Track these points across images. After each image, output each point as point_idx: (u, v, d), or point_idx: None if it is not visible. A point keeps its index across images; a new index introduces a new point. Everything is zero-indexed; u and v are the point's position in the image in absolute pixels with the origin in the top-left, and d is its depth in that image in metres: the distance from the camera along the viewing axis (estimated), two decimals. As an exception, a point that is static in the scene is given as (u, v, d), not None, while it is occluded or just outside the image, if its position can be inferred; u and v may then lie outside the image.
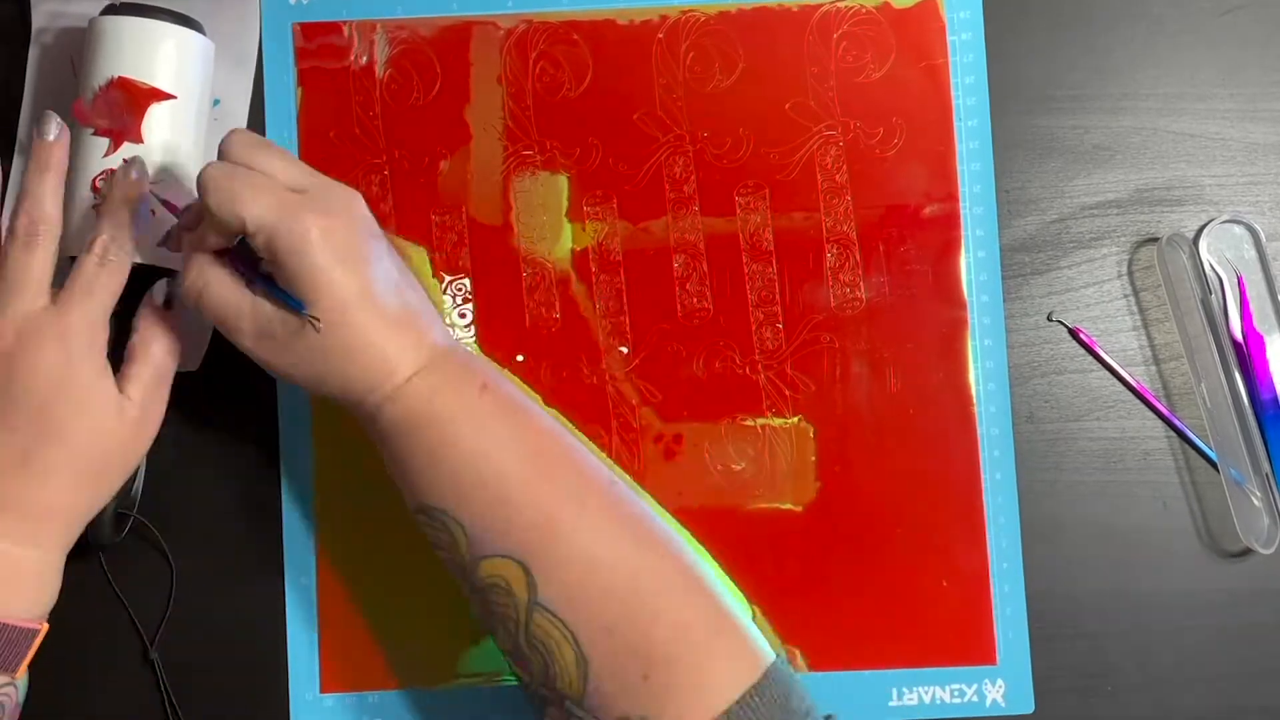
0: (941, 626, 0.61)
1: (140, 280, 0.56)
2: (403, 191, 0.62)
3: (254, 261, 0.52)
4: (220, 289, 0.52)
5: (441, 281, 0.62)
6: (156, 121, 0.57)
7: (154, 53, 0.57)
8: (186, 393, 0.58)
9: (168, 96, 0.57)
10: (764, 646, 0.51)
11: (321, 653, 0.61)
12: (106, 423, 0.53)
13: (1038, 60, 0.63)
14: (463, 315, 0.62)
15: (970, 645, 0.61)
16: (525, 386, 0.55)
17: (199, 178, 0.50)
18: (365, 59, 0.63)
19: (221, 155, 0.52)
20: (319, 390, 0.52)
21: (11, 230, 0.54)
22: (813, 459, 0.62)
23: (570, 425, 0.54)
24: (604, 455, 0.54)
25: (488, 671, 0.61)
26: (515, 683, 0.61)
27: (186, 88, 0.58)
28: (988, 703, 0.61)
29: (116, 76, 0.56)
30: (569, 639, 0.49)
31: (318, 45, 0.63)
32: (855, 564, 0.61)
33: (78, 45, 0.58)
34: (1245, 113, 0.63)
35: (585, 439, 0.54)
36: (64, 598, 0.54)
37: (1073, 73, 0.63)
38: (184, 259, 0.53)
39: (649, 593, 0.50)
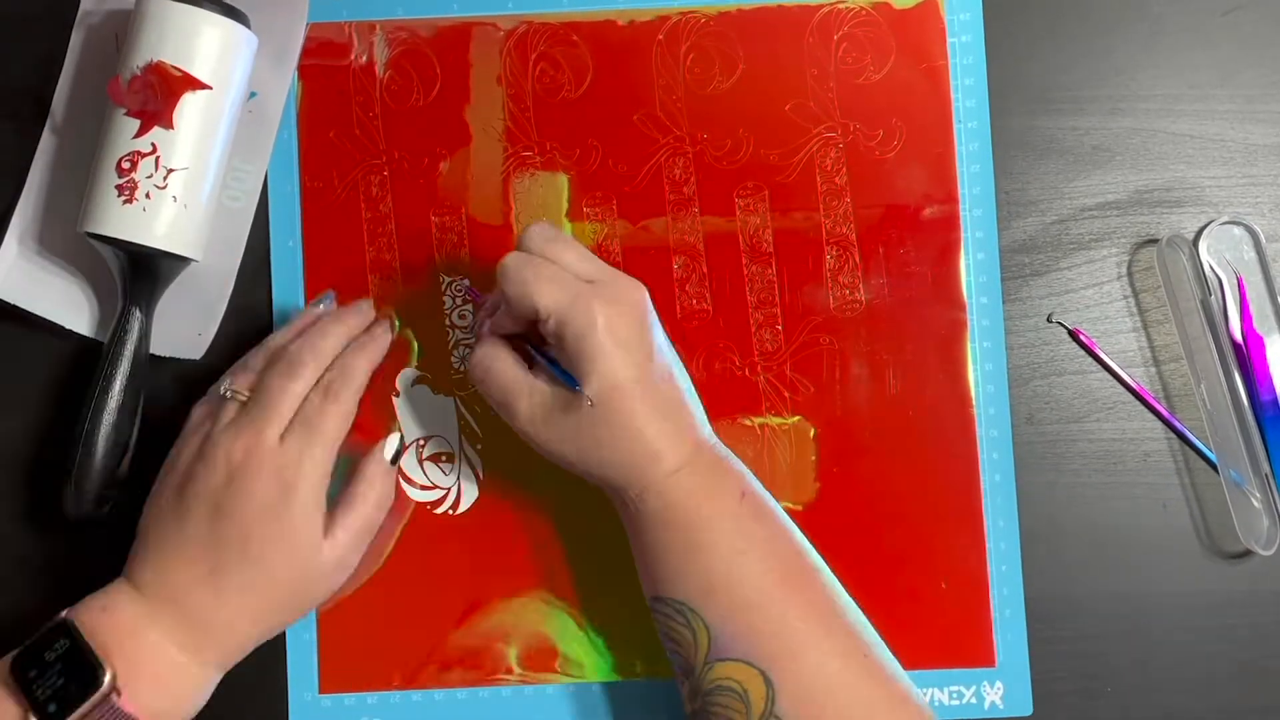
0: (940, 628, 0.61)
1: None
2: (403, 191, 0.63)
3: (540, 344, 0.55)
4: (505, 367, 0.55)
5: (441, 282, 0.62)
6: (189, 109, 0.57)
7: (196, 40, 0.57)
8: (184, 382, 0.59)
9: (203, 86, 0.57)
10: None
11: (320, 653, 0.61)
12: (303, 561, 0.54)
13: (1038, 61, 0.63)
14: (463, 317, 0.62)
15: (969, 647, 0.61)
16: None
17: (500, 266, 0.53)
18: (365, 59, 0.63)
19: (520, 246, 0.54)
20: (583, 470, 0.55)
21: (280, 359, 0.56)
22: (812, 459, 0.62)
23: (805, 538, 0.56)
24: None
25: (490, 673, 0.61)
26: (517, 683, 0.61)
27: (224, 79, 0.58)
28: (986, 704, 0.61)
29: (155, 61, 0.56)
30: None
31: (318, 45, 0.63)
32: (854, 565, 0.61)
33: (124, 25, 0.59)
34: (1245, 114, 0.63)
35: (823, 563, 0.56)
36: (58, 594, 0.54)
37: (1072, 73, 0.63)
38: (477, 339, 0.57)
39: None
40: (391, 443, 0.58)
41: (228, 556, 0.53)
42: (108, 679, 0.50)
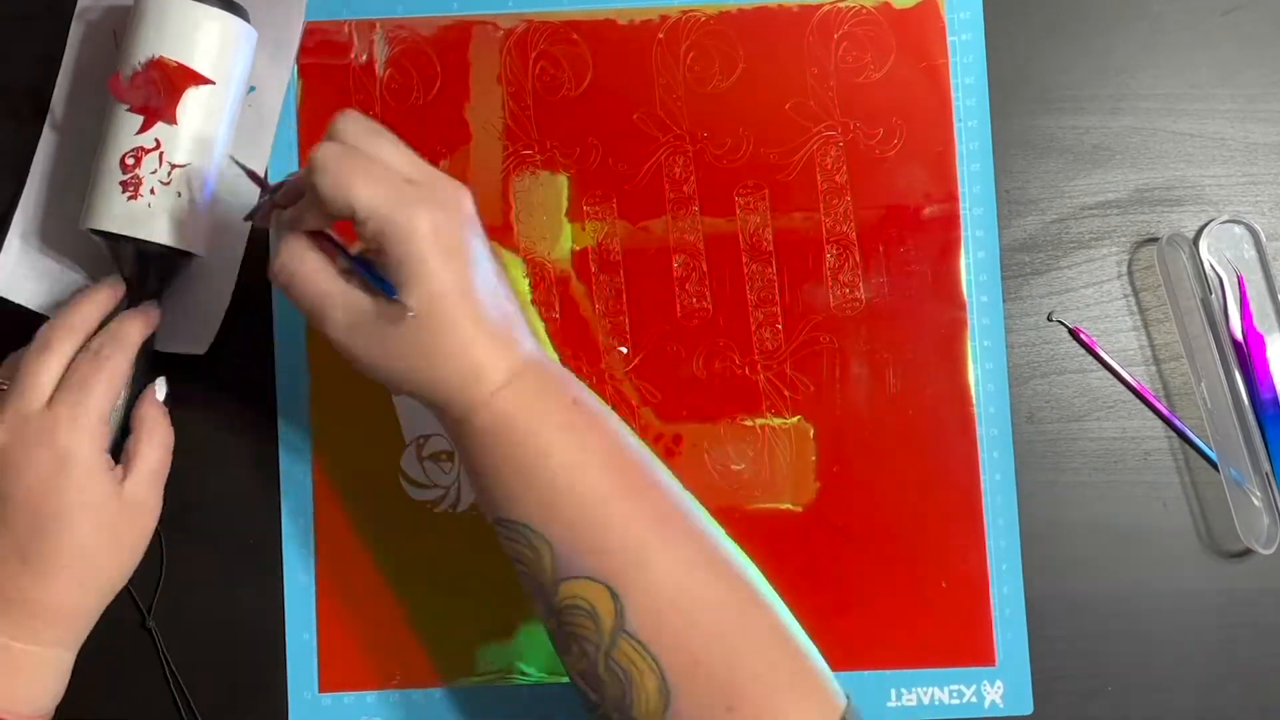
0: (940, 627, 0.61)
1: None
2: (402, 191, 0.62)
3: (348, 245, 0.51)
4: (314, 274, 0.50)
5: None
6: (191, 104, 0.57)
7: (196, 35, 0.57)
8: (184, 388, 0.59)
9: (206, 81, 0.57)
10: (838, 691, 0.50)
11: (320, 652, 0.61)
12: (105, 518, 0.53)
13: (1038, 60, 0.63)
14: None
15: (969, 646, 0.61)
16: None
17: (311, 157, 0.48)
18: (365, 58, 0.63)
19: (333, 135, 0.49)
20: (404, 389, 0.51)
21: (35, 337, 0.55)
22: (812, 459, 0.62)
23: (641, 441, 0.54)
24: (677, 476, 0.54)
25: (489, 672, 0.61)
26: (518, 683, 0.61)
27: (225, 73, 0.58)
28: (986, 704, 0.61)
29: (156, 56, 0.56)
30: (653, 668, 0.48)
31: (317, 44, 0.63)
32: (854, 564, 0.61)
33: (123, 21, 0.59)
34: (1245, 113, 0.63)
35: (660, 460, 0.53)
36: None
37: (1072, 73, 0.63)
38: (274, 237, 0.52)
39: (733, 627, 0.49)
40: (160, 384, 0.58)
41: (25, 538, 0.52)
42: None
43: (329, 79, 0.63)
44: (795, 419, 0.62)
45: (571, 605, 0.49)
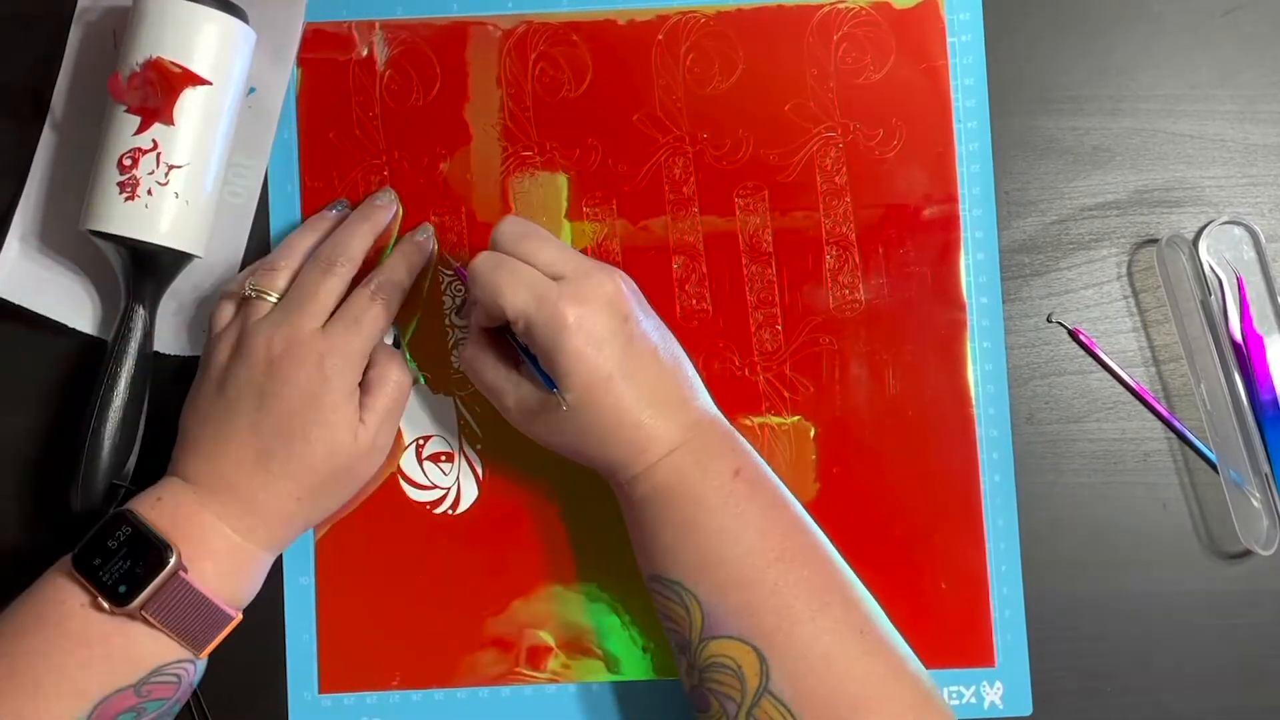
0: (940, 628, 0.61)
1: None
2: (403, 191, 0.63)
3: (522, 342, 0.55)
4: (488, 366, 0.56)
5: (441, 282, 0.63)
6: (189, 106, 0.57)
7: (195, 36, 0.57)
8: (187, 377, 0.59)
9: (203, 82, 0.57)
10: None
11: (320, 653, 0.61)
12: (342, 444, 0.55)
13: (1038, 61, 0.63)
14: (463, 316, 0.62)
15: (969, 647, 0.61)
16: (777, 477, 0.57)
17: (470, 268, 0.54)
18: (365, 59, 0.63)
19: (492, 244, 0.55)
20: (583, 462, 0.56)
21: (315, 257, 0.58)
22: (812, 459, 0.62)
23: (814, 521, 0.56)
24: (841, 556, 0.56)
25: (489, 673, 0.61)
26: (518, 684, 0.61)
27: (224, 75, 0.58)
28: (986, 704, 0.61)
29: (154, 57, 0.56)
30: None
31: (318, 45, 0.63)
32: (854, 565, 0.61)
33: (122, 21, 0.59)
34: (1245, 114, 0.63)
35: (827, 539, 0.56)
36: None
37: (1072, 73, 0.63)
38: (469, 331, 0.58)
39: (878, 702, 0.51)
40: (390, 332, 0.61)
41: (272, 442, 0.54)
42: (174, 557, 0.52)
43: (329, 79, 0.63)
44: (795, 419, 0.62)
45: (717, 663, 0.52)
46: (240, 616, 0.55)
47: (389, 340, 0.61)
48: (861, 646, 0.52)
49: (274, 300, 0.57)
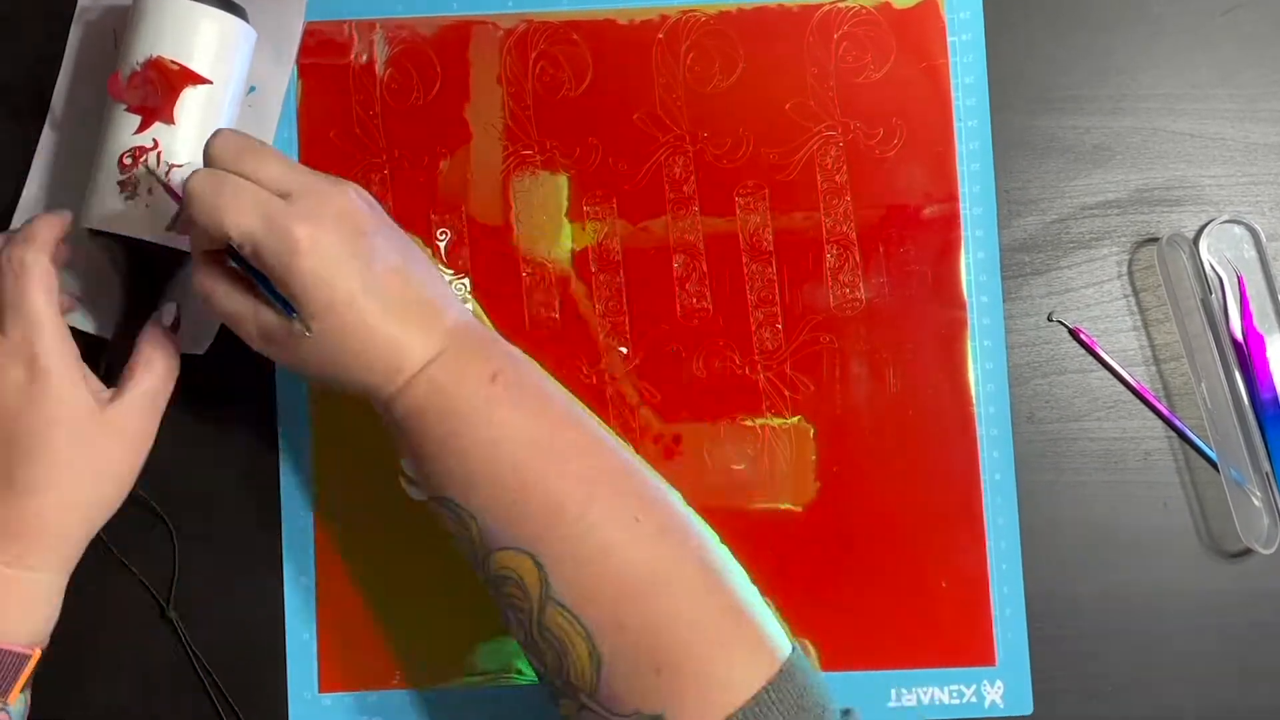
0: (941, 627, 0.61)
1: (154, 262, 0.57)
2: (403, 191, 0.62)
3: (250, 265, 0.51)
4: (224, 295, 0.52)
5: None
6: (189, 104, 0.57)
7: (194, 35, 0.57)
8: (183, 388, 0.58)
9: (203, 81, 0.57)
10: (781, 639, 0.50)
11: (320, 652, 0.61)
12: (83, 437, 0.52)
13: (1038, 60, 0.63)
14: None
15: (969, 646, 0.61)
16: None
17: (184, 188, 0.50)
18: (365, 58, 0.63)
19: (207, 160, 0.51)
20: (333, 388, 0.52)
21: None
22: (812, 459, 0.62)
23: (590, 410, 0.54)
24: (627, 443, 0.54)
25: (489, 671, 0.61)
26: (517, 683, 0.61)
27: (224, 73, 0.58)
28: (986, 703, 0.61)
29: (154, 56, 0.56)
30: (581, 634, 0.48)
31: (317, 44, 0.63)
32: (855, 564, 0.61)
33: (122, 21, 0.59)
34: (1245, 113, 0.63)
35: (607, 427, 0.53)
36: (69, 604, 0.54)
37: (1073, 73, 0.63)
38: (192, 259, 0.53)
39: (664, 586, 0.49)
40: (169, 310, 0.57)
41: (7, 459, 0.51)
42: None
43: (329, 79, 0.63)
44: (795, 419, 0.62)
45: (502, 576, 0.50)
46: (38, 652, 0.52)
47: (168, 317, 0.57)
48: (644, 529, 0.49)
49: None
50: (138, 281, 0.58)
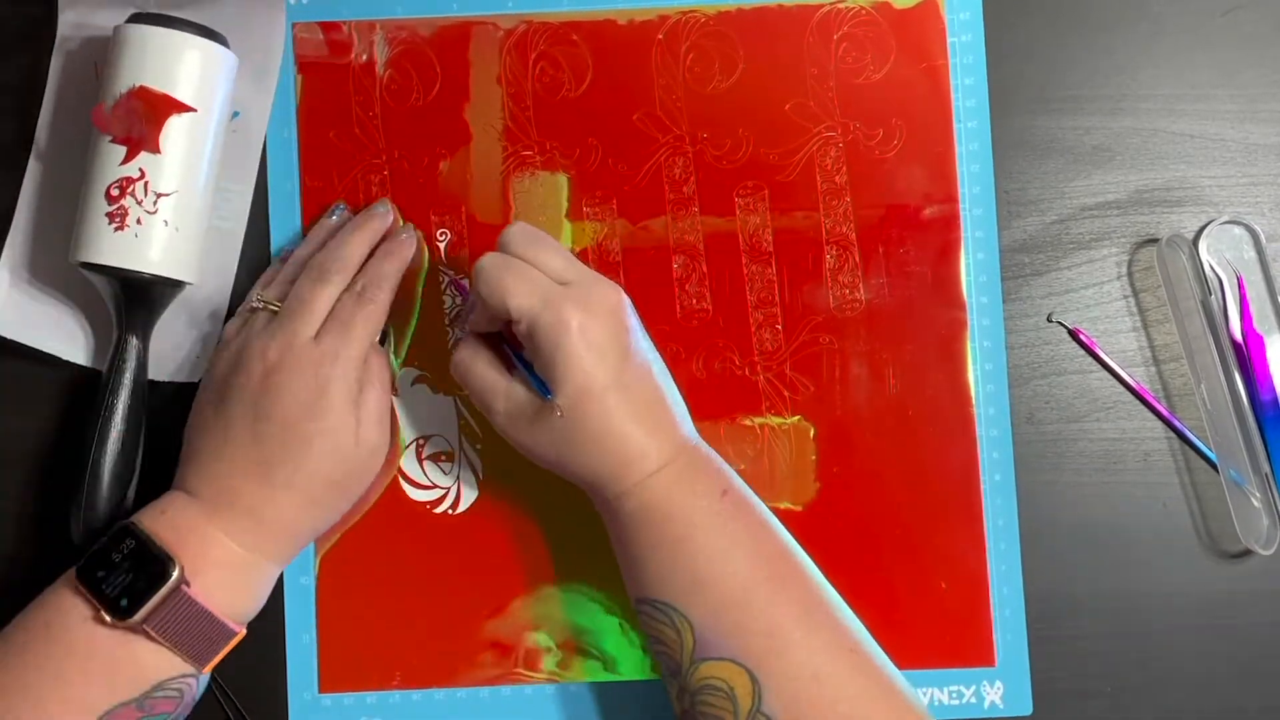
0: (940, 628, 0.61)
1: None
2: (403, 191, 0.63)
3: (517, 346, 0.55)
4: (482, 369, 0.56)
5: (442, 282, 0.63)
6: (175, 133, 0.57)
7: (176, 64, 0.57)
8: (184, 403, 0.59)
9: (187, 109, 0.57)
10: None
11: (320, 653, 0.61)
12: (343, 452, 0.55)
13: (1038, 61, 0.63)
14: (457, 326, 0.62)
15: (969, 646, 0.61)
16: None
17: (475, 267, 0.54)
18: (365, 59, 0.63)
19: (500, 246, 0.55)
20: (563, 473, 0.55)
21: (310, 266, 0.58)
22: (812, 459, 0.62)
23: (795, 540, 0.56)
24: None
25: (489, 672, 0.61)
26: (518, 684, 0.61)
27: (207, 101, 0.58)
28: (986, 704, 0.61)
29: (137, 85, 0.56)
30: None
31: (317, 45, 0.63)
32: (854, 564, 0.61)
33: (102, 52, 0.58)
34: (1245, 113, 0.63)
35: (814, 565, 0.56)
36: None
37: (1072, 73, 0.63)
38: (462, 337, 0.57)
39: (866, 717, 0.51)
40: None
41: (272, 453, 0.54)
42: (176, 571, 0.52)
43: (329, 79, 0.63)
44: (795, 419, 0.62)
45: (710, 685, 0.52)
46: (243, 632, 0.54)
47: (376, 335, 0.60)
48: (852, 665, 0.52)
49: (278, 310, 0.57)
50: (131, 312, 0.58)
